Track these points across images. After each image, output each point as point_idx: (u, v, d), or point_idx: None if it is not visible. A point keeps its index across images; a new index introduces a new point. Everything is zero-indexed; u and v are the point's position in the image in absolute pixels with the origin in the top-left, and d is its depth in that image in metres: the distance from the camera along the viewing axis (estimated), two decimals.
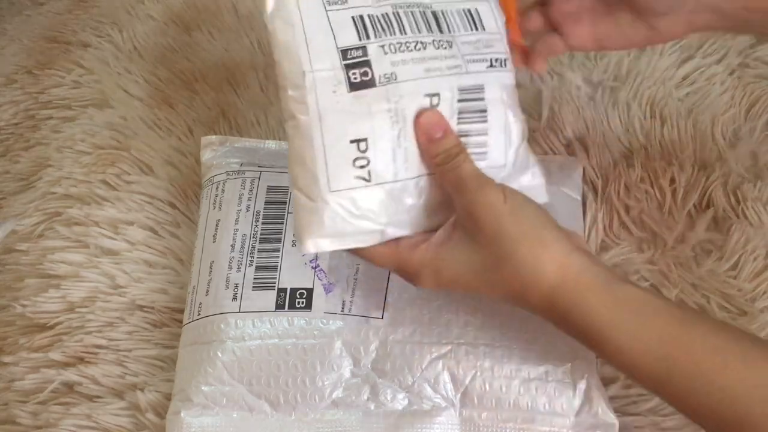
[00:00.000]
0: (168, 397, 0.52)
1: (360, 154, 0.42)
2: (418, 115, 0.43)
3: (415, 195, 0.44)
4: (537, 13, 0.50)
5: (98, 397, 0.54)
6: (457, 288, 0.44)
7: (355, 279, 0.52)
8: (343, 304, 0.51)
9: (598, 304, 0.41)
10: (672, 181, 0.61)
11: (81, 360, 0.55)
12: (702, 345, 0.39)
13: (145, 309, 0.57)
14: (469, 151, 0.44)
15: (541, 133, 0.64)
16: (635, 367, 0.41)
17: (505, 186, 0.43)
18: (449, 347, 0.50)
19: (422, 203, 0.44)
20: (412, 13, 0.44)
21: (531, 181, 0.47)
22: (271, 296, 0.51)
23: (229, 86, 0.71)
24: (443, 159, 0.43)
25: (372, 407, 0.50)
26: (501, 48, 0.46)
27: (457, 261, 0.43)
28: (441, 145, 0.43)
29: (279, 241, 0.53)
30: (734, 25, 0.48)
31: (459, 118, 0.44)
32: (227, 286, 0.52)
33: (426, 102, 0.43)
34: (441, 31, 0.44)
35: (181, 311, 0.56)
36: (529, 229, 0.42)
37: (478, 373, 0.49)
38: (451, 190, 0.44)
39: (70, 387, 0.54)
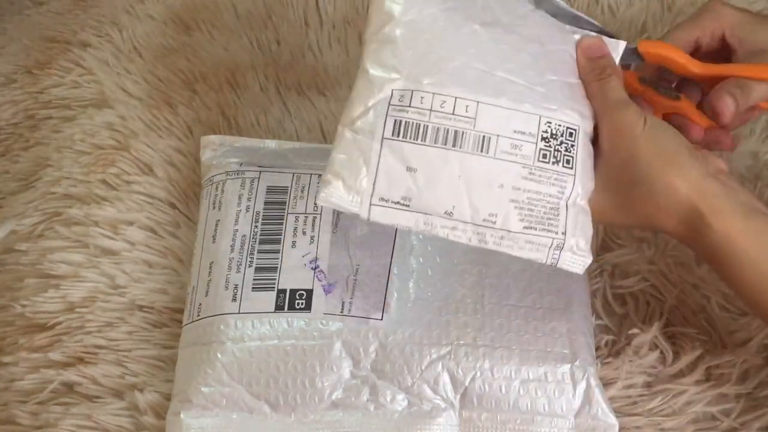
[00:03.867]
0: (168, 398, 0.52)
1: None
2: (581, 40, 0.47)
3: None
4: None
5: (98, 397, 0.54)
6: (601, 216, 0.46)
7: (355, 280, 0.52)
8: (343, 305, 0.51)
9: (733, 230, 0.42)
10: None
11: (81, 360, 0.55)
12: None
13: (145, 309, 0.57)
14: None
15: None
16: (754, 296, 0.43)
17: (647, 113, 0.44)
18: (449, 348, 0.50)
19: None
20: None
21: None
22: (271, 297, 0.51)
23: (229, 86, 0.71)
24: (597, 75, 0.46)
25: (372, 408, 0.50)
26: None
27: (598, 187, 0.45)
28: (597, 63, 0.46)
29: (279, 242, 0.53)
30: None
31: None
32: (227, 287, 0.52)
33: None
34: None
35: (181, 311, 0.56)
36: (663, 153, 0.43)
37: (478, 374, 0.49)
38: (597, 110, 0.46)
39: (69, 387, 0.54)
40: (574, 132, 0.44)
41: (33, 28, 0.79)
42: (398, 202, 0.43)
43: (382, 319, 0.51)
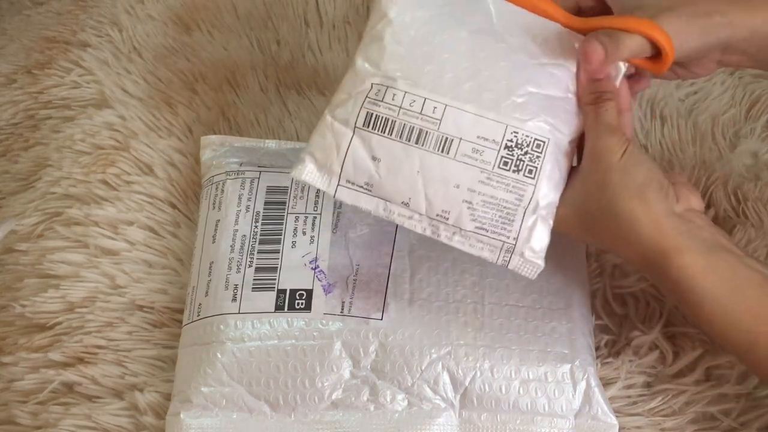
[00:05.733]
0: (168, 398, 0.52)
1: None
2: (588, 54, 0.45)
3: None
4: None
5: (98, 397, 0.54)
6: (564, 229, 0.46)
7: (355, 280, 0.52)
8: (343, 305, 0.51)
9: (694, 267, 0.42)
10: None
11: (80, 360, 0.55)
12: None
13: (145, 309, 0.57)
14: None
15: None
16: (721, 333, 0.43)
17: (631, 143, 0.45)
18: (448, 348, 0.50)
19: None
20: None
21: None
22: (271, 297, 0.51)
23: (229, 86, 0.71)
24: (593, 99, 0.46)
25: (371, 408, 0.50)
26: None
27: (568, 202, 0.46)
28: (596, 85, 0.46)
29: (279, 242, 0.53)
30: (765, 66, 0.50)
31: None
32: (227, 287, 0.52)
33: None
34: None
35: (181, 311, 0.56)
36: (633, 185, 0.44)
37: (478, 374, 0.49)
38: (586, 130, 0.46)
39: (69, 387, 0.54)
40: (542, 144, 0.45)
41: (33, 28, 0.79)
42: (362, 186, 0.47)
43: (382, 319, 0.51)
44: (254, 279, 0.52)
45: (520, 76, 0.46)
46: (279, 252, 0.53)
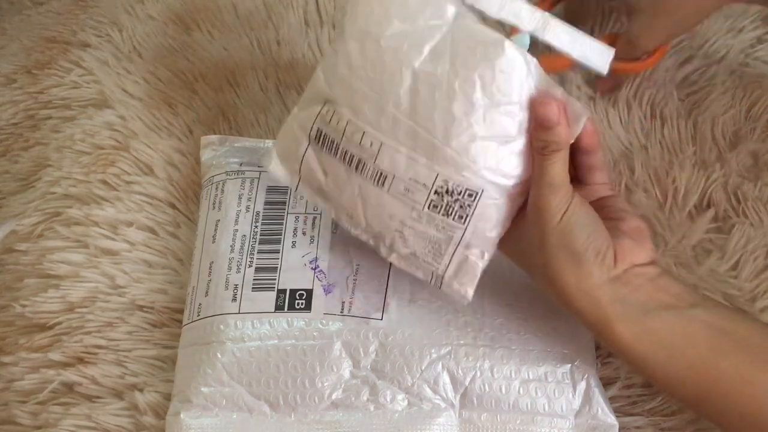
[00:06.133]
0: (168, 398, 0.52)
1: None
2: (539, 101, 0.43)
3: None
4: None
5: (98, 397, 0.54)
6: (515, 262, 0.48)
7: (355, 280, 0.52)
8: (343, 305, 0.51)
9: (627, 335, 0.42)
10: (672, 181, 0.61)
11: (80, 360, 0.55)
12: (732, 377, 0.40)
13: (145, 309, 0.57)
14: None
15: None
16: (669, 390, 0.43)
17: (575, 201, 0.43)
18: (449, 348, 0.50)
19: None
20: None
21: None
22: (271, 297, 0.51)
23: (229, 86, 0.71)
24: (540, 147, 0.43)
25: (371, 408, 0.50)
26: None
27: (513, 251, 0.47)
28: (546, 134, 0.43)
29: (279, 242, 0.53)
30: None
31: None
32: (227, 287, 0.52)
33: None
34: None
35: (181, 311, 0.56)
36: (567, 252, 0.43)
37: (478, 374, 0.49)
38: (532, 179, 0.45)
39: (69, 387, 0.54)
40: (474, 194, 0.44)
41: (33, 28, 0.79)
42: (317, 190, 0.49)
43: (382, 319, 0.51)
44: (254, 279, 0.52)
45: (464, 119, 0.43)
46: (279, 252, 0.53)
